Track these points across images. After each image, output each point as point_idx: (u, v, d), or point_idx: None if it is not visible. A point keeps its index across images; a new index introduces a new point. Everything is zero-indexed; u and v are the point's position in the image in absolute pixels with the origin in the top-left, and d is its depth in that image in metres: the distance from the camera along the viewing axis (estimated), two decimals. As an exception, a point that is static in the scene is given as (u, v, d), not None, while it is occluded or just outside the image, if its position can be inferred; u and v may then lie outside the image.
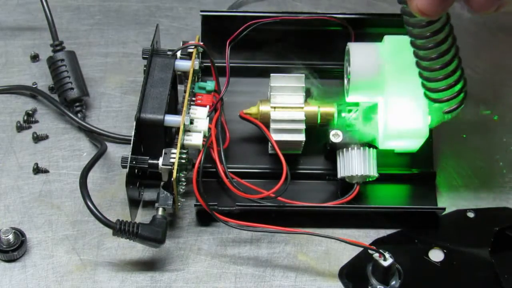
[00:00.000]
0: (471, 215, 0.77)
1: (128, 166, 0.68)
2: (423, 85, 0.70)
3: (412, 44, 0.69)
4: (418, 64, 0.69)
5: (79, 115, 0.81)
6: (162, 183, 0.72)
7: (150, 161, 0.70)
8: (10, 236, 0.72)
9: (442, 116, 0.71)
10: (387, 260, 0.70)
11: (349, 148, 0.74)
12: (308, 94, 0.77)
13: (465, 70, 0.70)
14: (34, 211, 0.76)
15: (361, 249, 0.73)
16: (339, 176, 0.75)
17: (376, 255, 0.70)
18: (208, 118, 0.73)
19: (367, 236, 0.75)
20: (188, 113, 0.72)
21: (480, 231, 0.75)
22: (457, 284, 0.73)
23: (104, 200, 0.76)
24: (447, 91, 0.69)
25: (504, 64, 0.88)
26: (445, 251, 0.74)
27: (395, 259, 0.70)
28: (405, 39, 0.75)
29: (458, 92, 0.69)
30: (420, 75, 0.70)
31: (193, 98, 0.74)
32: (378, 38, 0.77)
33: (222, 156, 0.73)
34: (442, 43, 0.67)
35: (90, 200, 0.68)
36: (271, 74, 0.75)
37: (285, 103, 0.74)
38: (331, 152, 0.76)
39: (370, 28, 0.79)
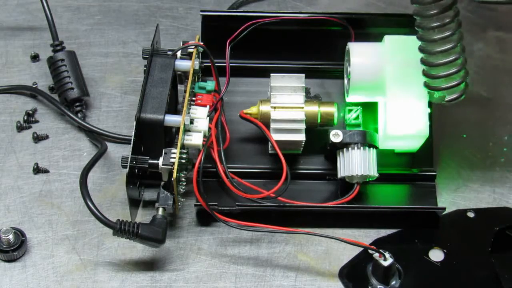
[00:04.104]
0: (471, 215, 0.77)
1: (128, 166, 0.68)
2: (424, 73, 0.71)
3: (417, 25, 0.69)
4: (421, 49, 0.70)
5: (79, 115, 0.81)
6: (162, 183, 0.71)
7: (150, 161, 0.70)
8: (10, 236, 0.72)
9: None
10: (387, 260, 0.70)
11: (349, 148, 0.74)
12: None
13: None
14: (34, 211, 0.76)
15: (361, 249, 0.73)
16: (339, 176, 0.75)
17: (376, 255, 0.70)
18: (208, 118, 0.73)
19: (367, 236, 0.75)
20: (188, 113, 0.72)
21: (480, 231, 0.75)
22: (457, 284, 0.73)
23: (104, 200, 0.76)
24: (447, 79, 0.70)
25: (503, 64, 0.88)
26: (445, 251, 0.74)
27: (395, 259, 0.70)
28: (405, 39, 0.75)
29: (459, 81, 0.70)
30: (422, 61, 0.71)
31: (193, 98, 0.74)
32: (378, 38, 0.77)
33: (222, 156, 0.73)
34: (446, 29, 0.68)
35: (90, 200, 0.68)
36: (271, 74, 0.75)
37: (285, 103, 0.74)
38: (331, 152, 0.76)
39: (370, 28, 0.79)
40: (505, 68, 0.87)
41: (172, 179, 0.69)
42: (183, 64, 0.74)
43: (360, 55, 0.75)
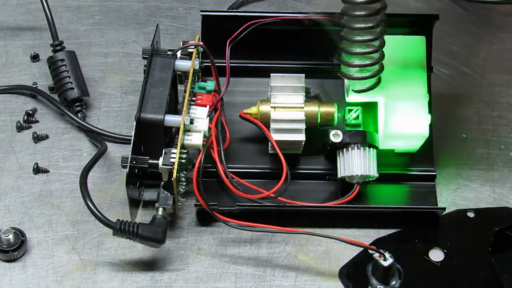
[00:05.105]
0: (471, 215, 0.77)
1: (128, 166, 0.68)
2: (339, 59, 0.72)
3: (342, 11, 0.70)
4: (341, 35, 0.71)
5: (79, 115, 0.81)
6: (162, 183, 0.71)
7: (150, 161, 0.70)
8: (10, 236, 0.72)
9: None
10: (387, 260, 0.70)
11: (349, 148, 0.74)
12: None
13: (465, 70, 0.70)
14: (34, 211, 0.76)
15: (361, 249, 0.73)
16: (339, 176, 0.75)
17: (376, 255, 0.70)
18: (208, 118, 0.73)
19: (367, 236, 0.75)
20: (188, 113, 0.72)
21: (480, 231, 0.75)
22: (457, 284, 0.73)
23: (104, 200, 0.76)
24: (362, 70, 0.70)
25: (503, 64, 0.88)
26: (445, 251, 0.74)
27: (395, 259, 0.70)
28: (405, 39, 0.75)
29: (372, 74, 0.71)
30: (340, 48, 0.71)
31: (193, 98, 0.74)
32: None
33: (222, 156, 0.73)
34: (369, 20, 0.68)
35: (90, 200, 0.68)
36: (271, 74, 0.75)
37: (285, 103, 0.74)
38: (331, 152, 0.76)
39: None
40: (505, 68, 0.87)
41: (172, 179, 0.69)
42: (183, 64, 0.74)
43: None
